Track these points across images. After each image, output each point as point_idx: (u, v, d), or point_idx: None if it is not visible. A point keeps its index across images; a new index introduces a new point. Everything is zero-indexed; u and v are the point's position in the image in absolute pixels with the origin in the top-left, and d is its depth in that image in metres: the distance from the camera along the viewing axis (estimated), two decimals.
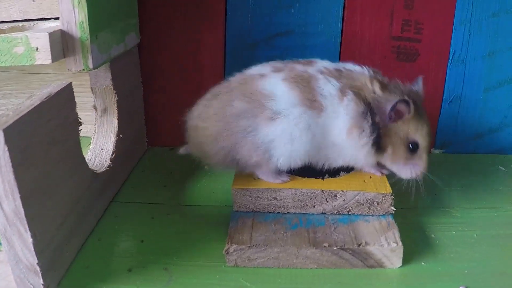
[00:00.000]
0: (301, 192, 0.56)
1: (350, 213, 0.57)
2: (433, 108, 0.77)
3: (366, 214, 0.57)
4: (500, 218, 0.62)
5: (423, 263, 0.53)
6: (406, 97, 0.54)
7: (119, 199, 0.66)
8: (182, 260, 0.53)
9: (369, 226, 0.55)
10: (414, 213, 0.63)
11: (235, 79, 0.58)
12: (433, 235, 0.58)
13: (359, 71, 0.57)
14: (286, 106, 0.53)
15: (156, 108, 0.78)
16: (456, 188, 0.69)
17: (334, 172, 0.59)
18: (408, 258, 0.53)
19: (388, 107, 0.54)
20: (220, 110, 0.55)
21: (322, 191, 0.56)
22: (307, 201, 0.57)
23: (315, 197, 0.56)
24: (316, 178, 0.58)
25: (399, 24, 0.73)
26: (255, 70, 0.59)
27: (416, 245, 0.56)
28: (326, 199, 0.56)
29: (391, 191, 0.56)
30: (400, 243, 0.52)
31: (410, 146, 0.56)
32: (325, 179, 0.58)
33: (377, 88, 0.55)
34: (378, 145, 0.56)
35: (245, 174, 0.58)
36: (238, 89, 0.56)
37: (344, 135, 0.54)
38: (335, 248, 0.51)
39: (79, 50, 0.54)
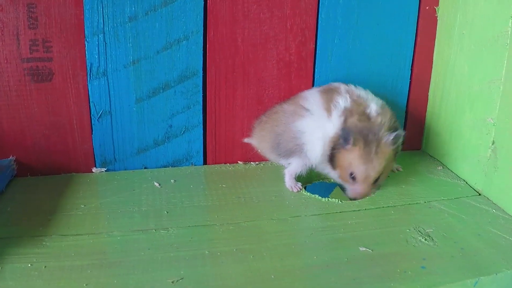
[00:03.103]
0: None
1: None
2: (84, 126, 0.73)
3: None
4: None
5: None
6: (350, 131, 0.62)
7: None
8: None
9: None
10: None
11: None
12: None
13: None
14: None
15: None
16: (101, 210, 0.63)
17: None
18: None
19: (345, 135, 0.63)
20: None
21: None
22: None
23: None
24: None
25: (27, 45, 0.70)
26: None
27: None
28: None
29: None
30: None
31: (351, 175, 0.63)
32: None
33: (356, 119, 0.64)
34: (332, 160, 0.65)
35: None
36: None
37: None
38: None
39: None
